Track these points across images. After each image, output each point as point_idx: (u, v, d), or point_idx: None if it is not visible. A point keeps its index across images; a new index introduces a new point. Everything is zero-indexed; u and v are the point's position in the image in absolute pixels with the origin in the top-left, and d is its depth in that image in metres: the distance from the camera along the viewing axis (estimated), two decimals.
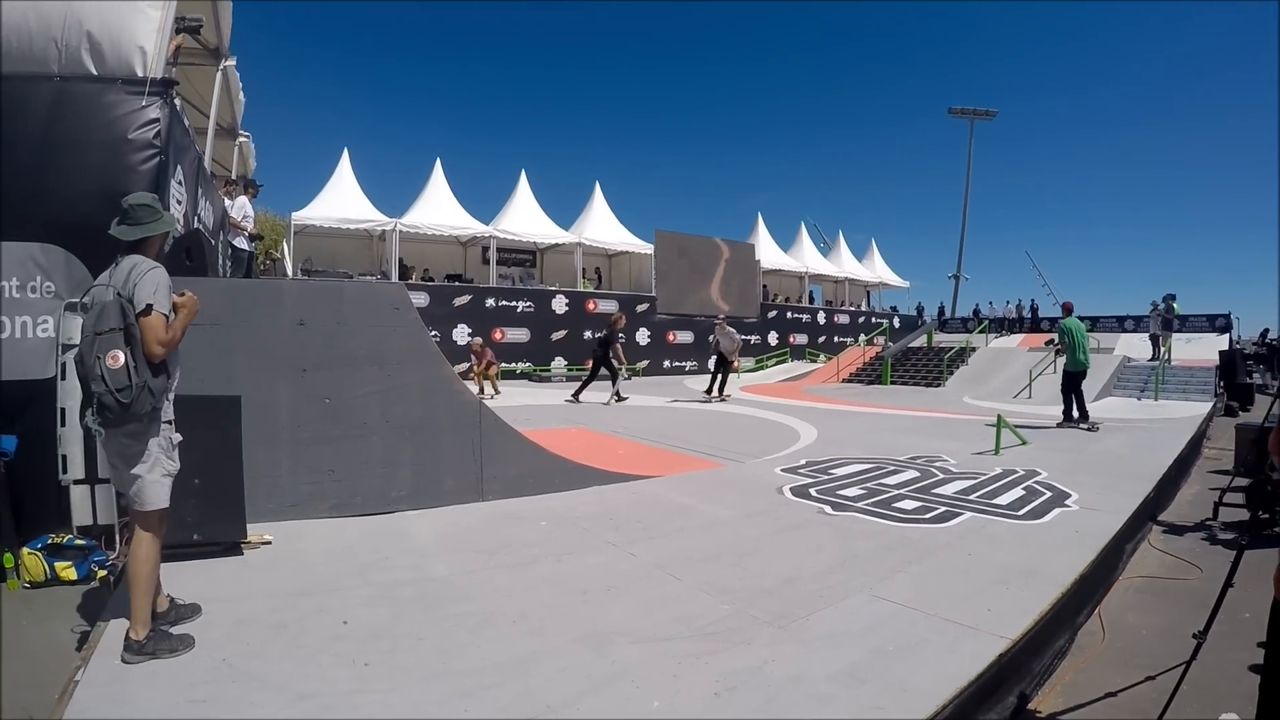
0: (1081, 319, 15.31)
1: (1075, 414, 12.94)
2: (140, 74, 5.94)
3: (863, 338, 32.55)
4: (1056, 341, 13.92)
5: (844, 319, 37.42)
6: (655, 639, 3.61)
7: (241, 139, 14.65)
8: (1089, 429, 12.46)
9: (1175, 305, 27.56)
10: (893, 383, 24.56)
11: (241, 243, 10.69)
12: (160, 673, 3.08)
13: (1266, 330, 28.60)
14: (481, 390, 16.48)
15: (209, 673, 3.11)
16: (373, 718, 2.80)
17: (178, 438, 3.54)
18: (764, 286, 34.39)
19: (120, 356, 3.17)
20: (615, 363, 16.58)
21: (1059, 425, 12.80)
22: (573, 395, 16.46)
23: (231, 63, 11.11)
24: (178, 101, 6.56)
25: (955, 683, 3.22)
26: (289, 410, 5.73)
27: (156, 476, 3.40)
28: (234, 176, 12.99)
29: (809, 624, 3.89)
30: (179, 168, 6.66)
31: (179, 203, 6.75)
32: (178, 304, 3.47)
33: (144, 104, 5.86)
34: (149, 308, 3.27)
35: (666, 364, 28.23)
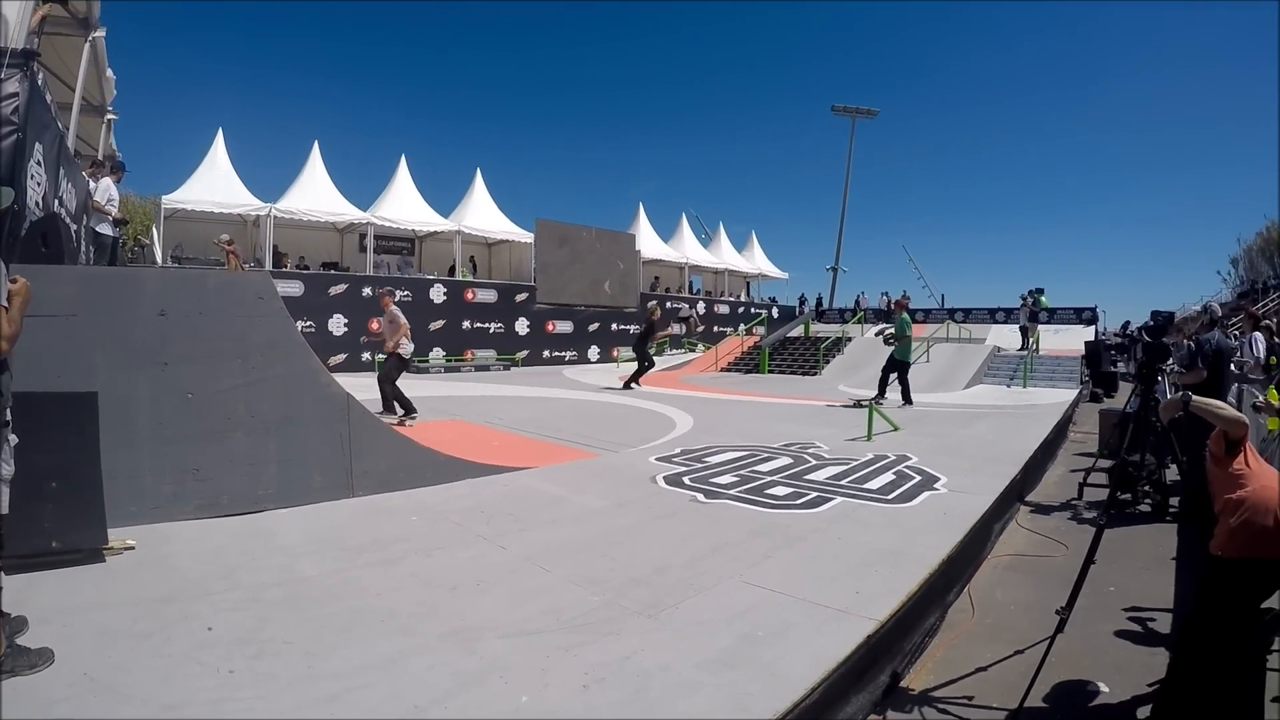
0: (954, 310, 16.67)
1: (901, 395, 14.78)
2: (0, 44, 5.61)
3: (742, 327, 33.10)
4: (894, 333, 14.92)
5: (724, 309, 37.94)
6: (524, 633, 3.66)
7: (110, 117, 13.93)
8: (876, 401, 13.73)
9: (1043, 299, 29.03)
10: (770, 371, 25.24)
11: (105, 228, 10.13)
12: (20, 689, 2.95)
13: (1128, 322, 30.24)
14: None
15: (70, 687, 2.99)
16: None
17: (14, 439, 3.28)
18: (655, 278, 34.77)
19: None
20: (650, 350, 18.81)
21: (874, 400, 13.71)
22: (625, 384, 17.93)
23: (101, 34, 10.51)
24: (40, 76, 6.23)
25: (823, 666, 3.33)
26: (150, 406, 5.52)
27: None
28: (100, 157, 12.36)
29: (679, 612, 3.97)
30: (38, 146, 6.32)
31: (38, 184, 6.42)
32: (11, 292, 3.15)
33: (2, 77, 5.54)
34: None
35: (546, 354, 28.14)
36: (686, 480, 7.33)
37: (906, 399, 14.69)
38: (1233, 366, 8.14)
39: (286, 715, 2.85)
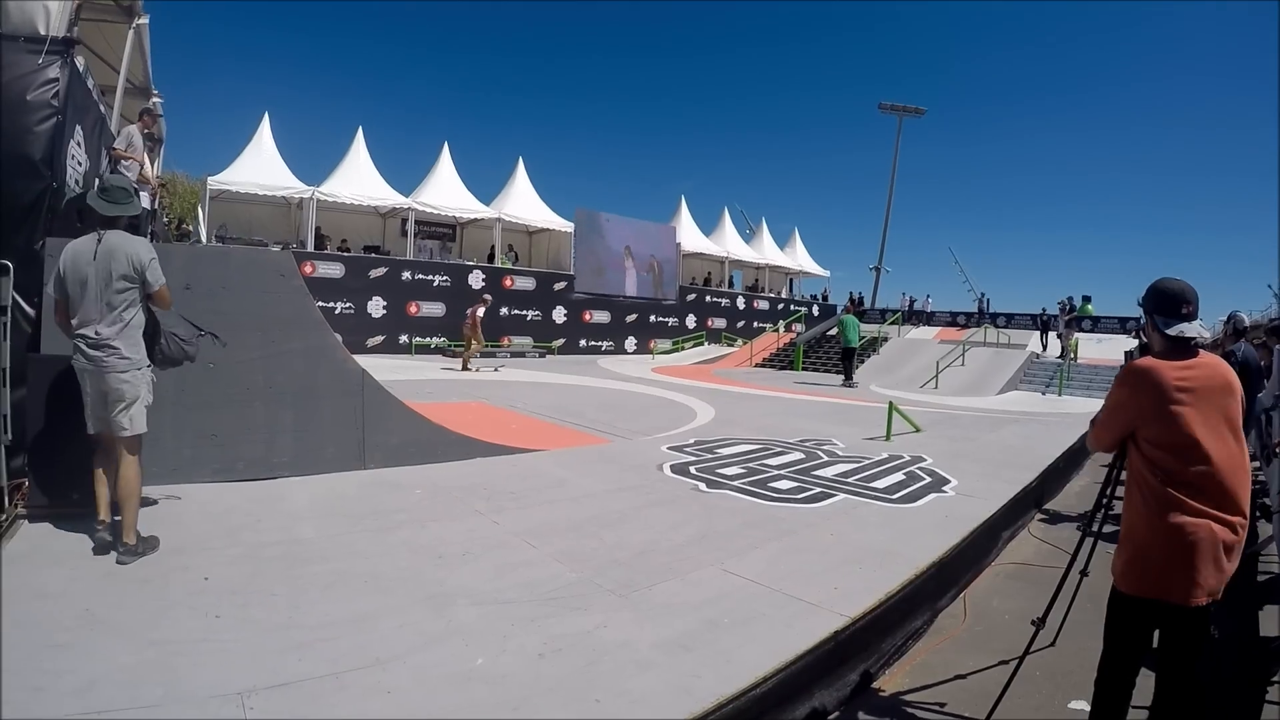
0: (995, 316, 20.92)
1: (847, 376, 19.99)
2: (43, 31, 5.81)
3: (781, 324, 33.03)
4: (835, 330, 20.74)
5: (763, 305, 37.86)
6: (496, 602, 3.82)
7: (155, 99, 14.24)
8: (847, 385, 19.24)
9: (1089, 307, 28.59)
10: (804, 369, 25.17)
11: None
12: (24, 623, 3.19)
13: (1139, 336, 29.59)
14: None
15: (73, 619, 3.29)
16: (208, 662, 2.99)
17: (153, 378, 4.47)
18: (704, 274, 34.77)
19: None
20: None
21: (843, 385, 19.28)
22: None
23: (145, 20, 10.75)
24: (80, 61, 6.45)
25: (780, 657, 3.35)
26: (173, 374, 5.68)
27: (142, 407, 4.28)
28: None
29: (650, 594, 4.07)
30: (78, 128, 6.57)
31: (78, 164, 6.67)
32: None
33: (42, 63, 5.72)
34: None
35: (583, 343, 28.39)
36: (692, 469, 7.42)
37: (847, 377, 19.74)
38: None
39: (258, 656, 3.06)
